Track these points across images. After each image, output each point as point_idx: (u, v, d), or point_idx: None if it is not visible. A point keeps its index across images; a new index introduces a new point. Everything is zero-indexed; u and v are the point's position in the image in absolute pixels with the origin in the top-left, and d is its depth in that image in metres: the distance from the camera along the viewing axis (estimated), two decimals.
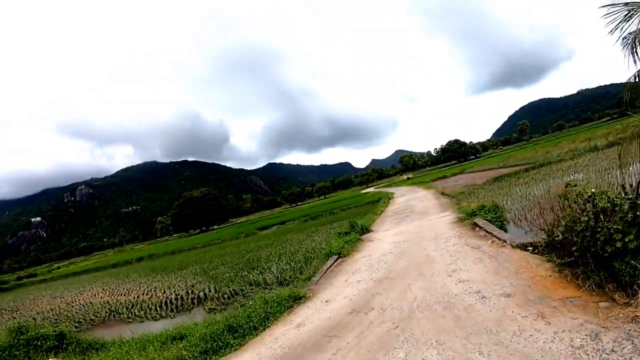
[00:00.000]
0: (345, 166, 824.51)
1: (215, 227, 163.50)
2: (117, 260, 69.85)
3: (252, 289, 16.59)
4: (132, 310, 20.04)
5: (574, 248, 7.32)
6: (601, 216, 7.02)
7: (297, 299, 10.89)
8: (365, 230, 20.48)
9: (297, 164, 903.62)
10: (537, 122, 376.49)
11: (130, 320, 18.55)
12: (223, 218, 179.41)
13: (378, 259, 13.17)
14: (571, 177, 23.70)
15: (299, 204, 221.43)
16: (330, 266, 14.01)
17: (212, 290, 18.62)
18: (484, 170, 57.02)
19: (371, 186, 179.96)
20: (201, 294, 18.77)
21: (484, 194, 25.90)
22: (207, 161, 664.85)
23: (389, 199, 44.53)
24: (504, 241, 11.15)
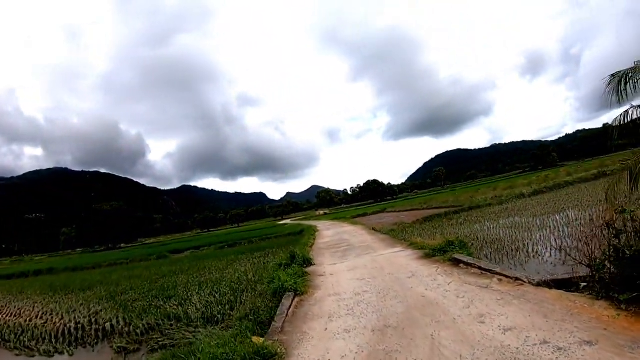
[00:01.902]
0: (260, 196, 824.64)
1: (123, 245, 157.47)
2: (13, 271, 63.98)
3: (172, 325, 13.25)
4: (21, 337, 16.03)
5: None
6: None
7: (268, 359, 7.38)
8: (308, 262, 17.97)
9: (212, 189, 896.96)
10: (451, 169, 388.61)
11: (17, 351, 14.72)
12: (132, 237, 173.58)
13: (354, 299, 10.32)
14: (509, 219, 24.37)
15: (211, 229, 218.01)
16: (290, 307, 10.57)
17: (122, 322, 15.02)
18: (407, 210, 57.40)
19: (287, 218, 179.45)
20: (107, 325, 15.04)
21: (419, 232, 25.16)
22: (121, 175, 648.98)
23: (314, 231, 42.69)
24: (517, 279, 9.26)
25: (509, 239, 18.07)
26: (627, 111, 10.67)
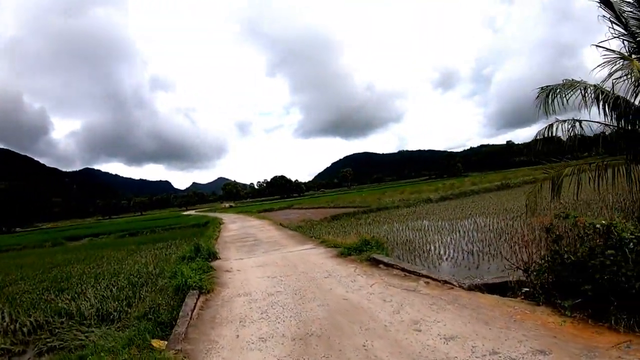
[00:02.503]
0: (166, 185, 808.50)
1: (18, 229, 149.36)
2: None
3: (63, 323, 11.31)
4: None
5: (586, 287, 6.32)
6: (626, 250, 6.12)
7: None
8: (213, 256, 16.70)
9: (116, 174, 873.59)
10: (358, 172, 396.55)
11: None
12: (28, 220, 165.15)
13: (267, 301, 9.08)
14: (417, 222, 24.68)
15: (113, 217, 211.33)
16: (194, 307, 9.08)
17: (7, 318, 12.70)
18: (314, 207, 56.75)
19: (192, 209, 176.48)
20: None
21: (328, 230, 24.99)
22: (19, 152, 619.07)
23: (219, 224, 41.35)
24: (446, 282, 8.65)
25: (419, 240, 17.99)
26: (551, 124, 11.54)
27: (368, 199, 54.43)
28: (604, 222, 6.69)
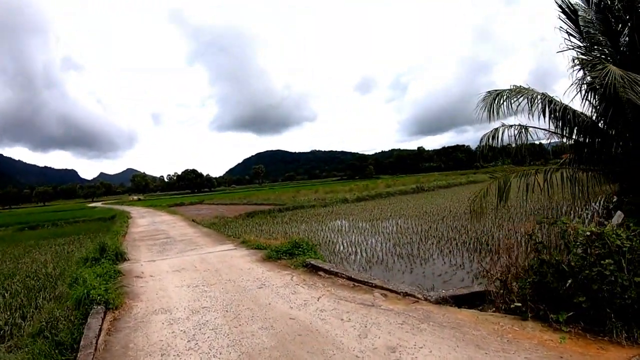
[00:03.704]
0: (71, 174, 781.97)
1: None
2: None
3: None
4: None
5: (580, 299, 5.76)
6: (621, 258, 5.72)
7: None
8: (121, 257, 14.72)
9: (19, 160, 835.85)
10: (270, 169, 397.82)
11: None
12: None
13: (193, 321, 7.21)
14: (336, 222, 24.06)
15: (13, 207, 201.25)
16: (100, 332, 7.02)
17: None
18: (226, 204, 55.38)
19: (98, 201, 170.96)
20: None
21: (244, 228, 23.69)
22: None
23: (127, 218, 39.63)
24: (408, 294, 7.47)
25: (342, 242, 17.22)
26: (497, 129, 11.25)
27: (283, 197, 53.60)
28: (594, 229, 6.14)
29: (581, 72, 10.59)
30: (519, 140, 11.00)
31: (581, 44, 11.28)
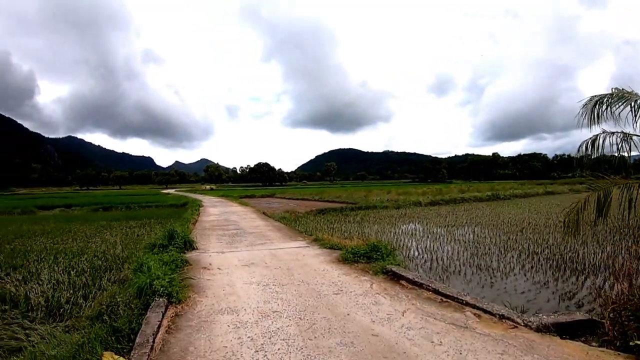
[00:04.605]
0: (148, 161, 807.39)
1: None
2: None
3: (5, 312, 9.43)
4: None
5: None
6: None
7: None
8: (189, 245, 14.49)
9: (99, 145, 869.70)
10: (342, 167, 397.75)
11: None
12: (4, 184, 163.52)
13: (262, 327, 6.47)
14: (410, 225, 23.08)
15: (91, 188, 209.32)
16: (158, 329, 6.44)
17: None
18: (297, 199, 55.51)
19: (172, 188, 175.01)
20: None
21: (315, 225, 22.86)
22: (3, 113, 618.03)
23: (199, 206, 39.68)
24: (505, 317, 6.50)
25: (416, 247, 16.25)
26: (597, 135, 10.45)
27: (354, 196, 52.72)
28: None
29: None
30: (621, 150, 10.10)
31: None
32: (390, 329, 6.18)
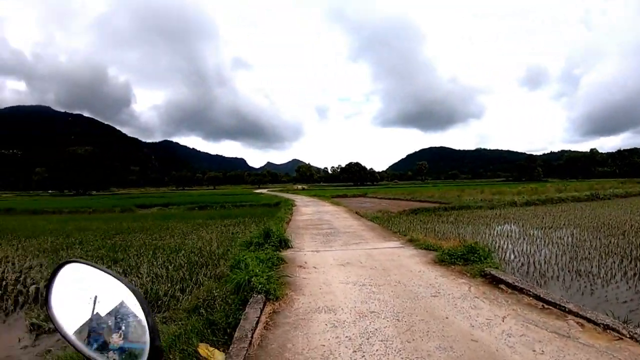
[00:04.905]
0: (240, 162, 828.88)
1: (94, 192, 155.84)
2: None
3: None
4: None
5: None
6: None
7: None
8: (284, 244, 14.70)
9: (194, 148, 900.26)
10: (433, 166, 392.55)
11: None
12: (104, 185, 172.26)
13: (358, 326, 6.52)
14: (504, 227, 22.43)
15: (186, 188, 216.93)
16: (256, 325, 6.57)
17: None
18: (389, 198, 55.40)
19: (264, 188, 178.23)
20: (32, 289, 11.78)
21: (408, 225, 22.41)
22: (103, 121, 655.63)
23: (292, 206, 40.54)
24: (610, 328, 6.10)
25: (512, 250, 15.71)
26: None
27: (447, 195, 52.13)
28: None
29: None
30: None
31: None
32: (490, 335, 6.03)
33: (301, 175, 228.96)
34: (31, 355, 8.16)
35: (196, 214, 38.95)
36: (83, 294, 1.44)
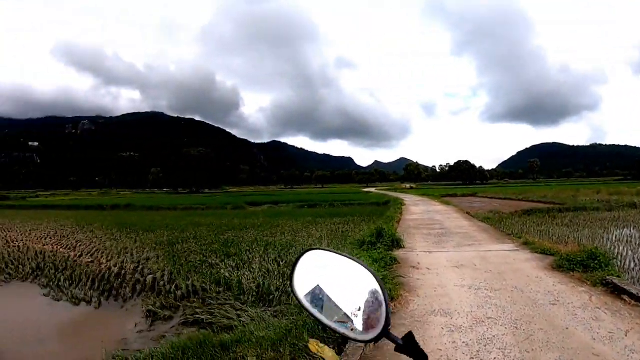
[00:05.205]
0: (348, 161, 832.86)
1: (207, 190, 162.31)
2: (93, 203, 66.40)
3: (219, 294, 10.89)
4: (59, 275, 14.51)
5: None
6: None
7: None
8: (397, 244, 14.70)
9: (301, 148, 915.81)
10: (545, 163, 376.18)
11: (47, 290, 13.14)
12: (216, 184, 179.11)
13: (475, 332, 6.41)
14: (624, 231, 20.51)
15: (295, 187, 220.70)
16: None
17: (165, 278, 13.00)
18: (500, 198, 53.74)
19: (372, 187, 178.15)
20: (149, 278, 13.04)
21: (521, 227, 21.56)
22: (214, 124, 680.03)
23: (401, 205, 40.08)
24: None
25: (633, 257, 14.16)
26: None
27: (561, 195, 49.63)
28: None
29: None
30: None
31: None
32: (612, 350, 5.69)
33: (409, 174, 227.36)
34: (146, 340, 8.85)
35: (305, 211, 39.63)
36: (323, 274, 1.68)
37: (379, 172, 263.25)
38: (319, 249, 1.81)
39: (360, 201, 50.76)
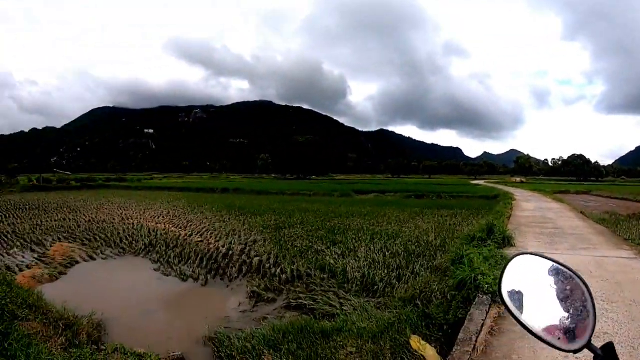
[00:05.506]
0: (456, 151, 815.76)
1: (314, 177, 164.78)
2: (203, 186, 69.40)
3: (323, 280, 11.19)
4: (170, 253, 15.70)
5: None
6: None
7: None
8: (507, 242, 14.15)
9: (409, 137, 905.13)
10: None
11: (157, 266, 14.33)
12: (323, 170, 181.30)
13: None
14: None
15: (402, 176, 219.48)
16: (481, 329, 6.36)
17: (271, 261, 13.56)
18: (616, 198, 50.29)
19: (481, 179, 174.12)
20: (255, 260, 13.70)
21: (638, 232, 19.09)
22: (321, 112, 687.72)
23: (511, 200, 38.56)
24: None
25: None
26: None
27: None
28: None
29: None
30: None
31: None
32: None
33: (519, 167, 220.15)
34: (248, 320, 9.24)
35: (412, 202, 39.60)
36: (532, 279, 1.73)
37: (487, 164, 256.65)
38: (530, 253, 1.88)
39: (468, 194, 49.66)
